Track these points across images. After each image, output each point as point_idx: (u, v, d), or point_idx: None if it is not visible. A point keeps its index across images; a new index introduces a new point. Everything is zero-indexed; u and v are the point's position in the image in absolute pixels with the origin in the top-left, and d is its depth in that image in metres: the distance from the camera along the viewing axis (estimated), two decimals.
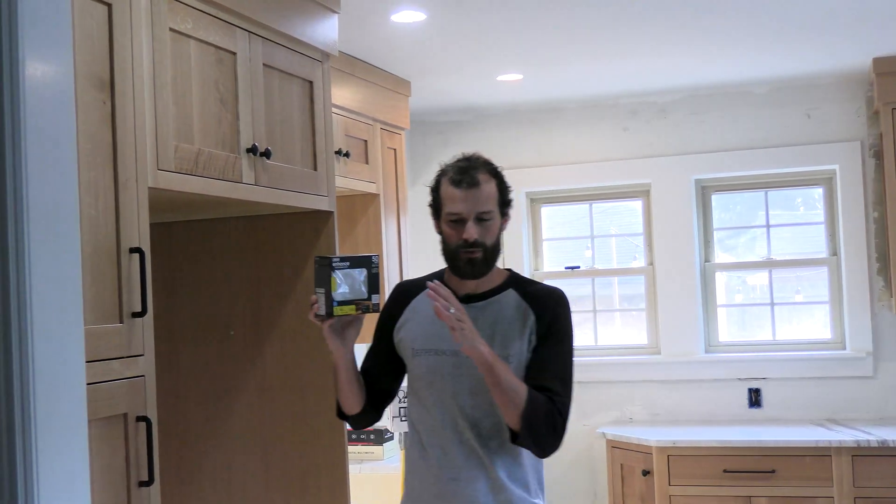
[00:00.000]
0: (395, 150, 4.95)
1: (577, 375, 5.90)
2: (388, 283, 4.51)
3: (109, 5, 2.33)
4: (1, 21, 1.51)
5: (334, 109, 4.00)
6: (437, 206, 2.76)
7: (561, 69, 5.16)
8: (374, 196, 4.72)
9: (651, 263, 6.05)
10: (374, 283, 2.68)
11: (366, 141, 4.62)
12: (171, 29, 2.58)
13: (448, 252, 2.74)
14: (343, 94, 4.37)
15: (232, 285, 3.42)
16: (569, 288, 6.31)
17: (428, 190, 2.83)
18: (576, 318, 6.12)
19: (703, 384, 5.86)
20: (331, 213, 3.33)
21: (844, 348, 5.72)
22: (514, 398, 2.56)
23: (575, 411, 5.99)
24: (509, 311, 2.72)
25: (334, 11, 3.43)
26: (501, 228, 2.76)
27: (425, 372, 2.74)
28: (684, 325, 5.89)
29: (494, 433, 2.67)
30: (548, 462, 2.41)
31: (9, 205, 1.50)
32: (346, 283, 2.61)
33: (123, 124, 2.35)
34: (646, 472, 5.27)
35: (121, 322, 2.31)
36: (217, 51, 2.79)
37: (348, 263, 2.62)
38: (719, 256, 6.01)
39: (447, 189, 2.72)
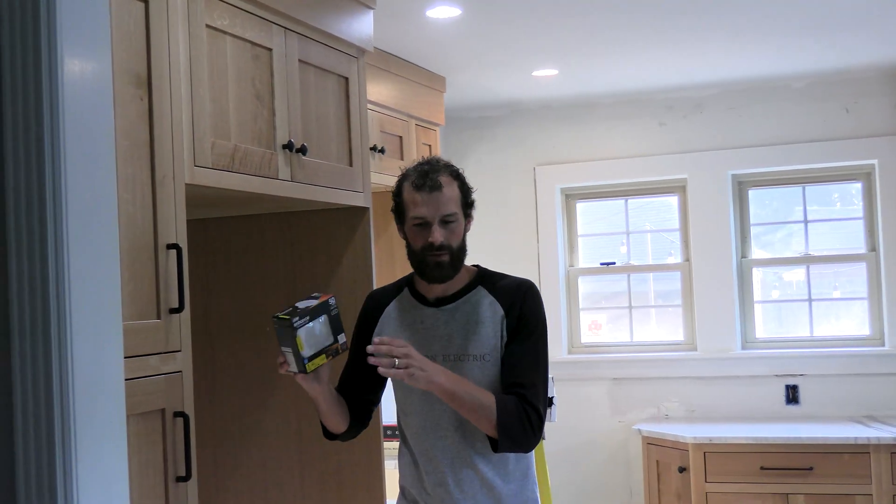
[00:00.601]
0: (430, 145, 4.95)
1: (612, 372, 5.98)
2: None
3: (146, 2, 2.33)
4: (41, 20, 1.52)
5: (369, 105, 4.00)
6: (400, 211, 2.73)
7: (597, 64, 5.14)
8: None
9: (687, 259, 6.01)
10: (336, 325, 2.63)
11: (401, 137, 4.62)
12: (207, 25, 2.59)
13: (414, 256, 2.71)
14: (378, 91, 4.37)
15: (268, 281, 3.43)
16: (604, 284, 6.35)
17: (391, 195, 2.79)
18: (611, 314, 6.20)
19: (740, 381, 5.81)
20: (366, 209, 3.33)
21: (883, 345, 5.65)
22: (485, 413, 2.55)
23: (611, 408, 6.04)
24: (480, 309, 2.70)
25: (369, 7, 3.43)
26: (466, 230, 2.74)
27: (404, 382, 2.72)
28: (721, 322, 5.85)
29: (480, 433, 2.65)
30: (584, 458, 2.39)
31: (48, 201, 1.51)
32: (311, 338, 2.56)
33: (160, 121, 2.36)
34: (682, 469, 5.24)
35: (158, 318, 2.32)
36: (253, 47, 2.79)
37: (308, 318, 2.56)
38: (756, 252, 5.97)
39: (410, 193, 2.68)
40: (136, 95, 2.29)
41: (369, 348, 2.52)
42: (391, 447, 4.72)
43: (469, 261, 2.79)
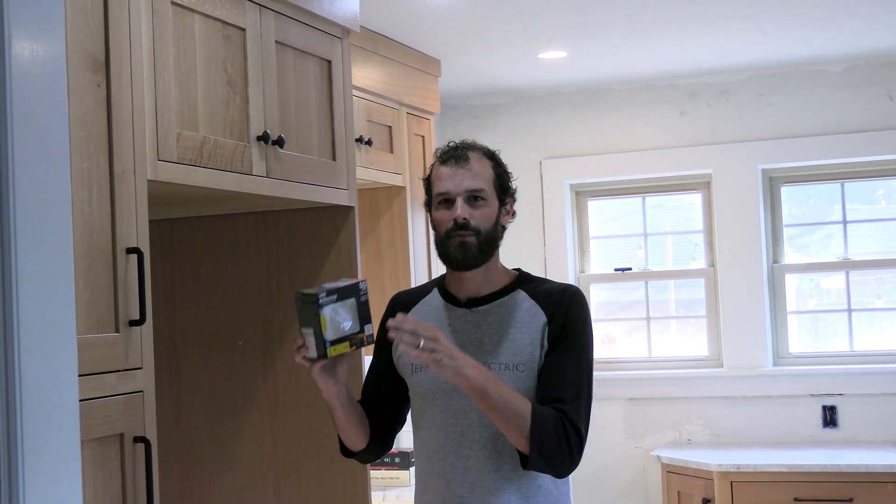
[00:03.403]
0: (423, 137, 4.95)
1: (628, 391, 5.98)
2: (416, 283, 4.50)
3: None
4: None
5: (355, 92, 4.00)
6: (429, 195, 2.76)
7: (610, 45, 5.15)
8: (400, 189, 4.72)
9: (712, 265, 6.02)
10: (364, 313, 2.63)
11: (390, 127, 4.62)
12: (173, 2, 2.59)
13: (439, 240, 2.71)
14: (365, 75, 4.37)
15: (241, 289, 3.43)
16: (619, 292, 6.35)
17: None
18: (627, 326, 6.21)
19: (771, 401, 5.82)
20: (351, 207, 3.34)
21: None
22: (517, 421, 2.52)
23: (627, 432, 6.04)
24: (518, 314, 2.69)
25: None
26: (501, 219, 2.73)
27: (426, 390, 2.71)
28: (750, 335, 5.86)
29: (508, 454, 2.62)
30: (596, 488, 2.39)
31: None
32: (336, 320, 2.56)
33: (120, 110, 2.36)
34: (706, 501, 5.24)
35: (117, 331, 2.32)
36: (224, 27, 2.79)
37: (336, 297, 2.56)
38: (789, 257, 5.98)
39: (437, 170, 2.72)
40: (93, 81, 2.29)
41: (390, 322, 2.51)
42: (378, 476, 4.72)
43: None
